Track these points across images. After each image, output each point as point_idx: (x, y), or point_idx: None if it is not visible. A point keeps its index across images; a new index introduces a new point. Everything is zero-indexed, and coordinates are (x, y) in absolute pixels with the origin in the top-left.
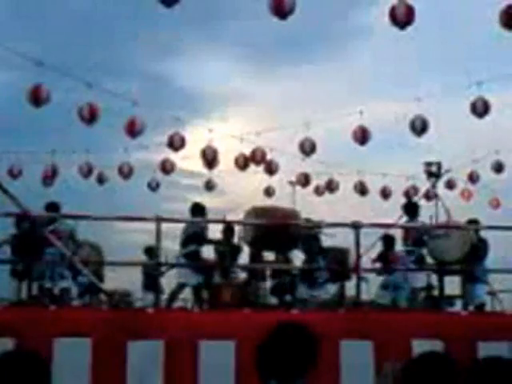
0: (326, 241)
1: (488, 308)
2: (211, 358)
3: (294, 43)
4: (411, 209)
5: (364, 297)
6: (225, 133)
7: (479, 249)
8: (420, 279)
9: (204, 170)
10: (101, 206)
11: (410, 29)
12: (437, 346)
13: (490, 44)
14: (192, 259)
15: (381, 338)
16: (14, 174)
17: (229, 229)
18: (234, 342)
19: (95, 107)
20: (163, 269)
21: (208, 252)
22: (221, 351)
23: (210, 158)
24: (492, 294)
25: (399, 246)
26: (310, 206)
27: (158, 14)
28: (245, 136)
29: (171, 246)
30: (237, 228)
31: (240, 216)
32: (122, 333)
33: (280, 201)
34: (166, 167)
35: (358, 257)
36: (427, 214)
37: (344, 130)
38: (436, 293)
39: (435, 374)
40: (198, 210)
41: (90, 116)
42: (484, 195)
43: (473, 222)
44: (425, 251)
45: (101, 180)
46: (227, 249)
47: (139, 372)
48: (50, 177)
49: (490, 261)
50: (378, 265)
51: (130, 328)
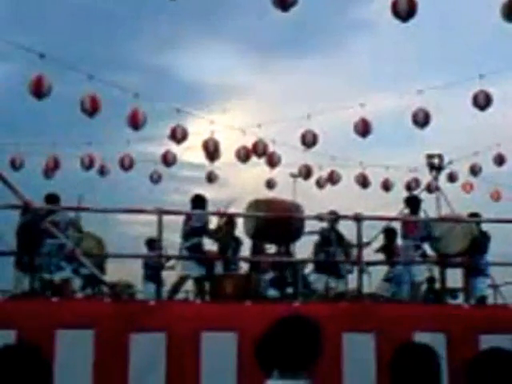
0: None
1: (490, 301)
2: (213, 350)
3: (295, 36)
4: (413, 203)
5: (366, 289)
6: (226, 125)
7: (481, 242)
8: (421, 272)
9: (206, 162)
10: (102, 198)
11: (411, 21)
12: (439, 338)
13: (491, 36)
14: (195, 252)
15: (383, 330)
16: (15, 166)
17: (230, 221)
18: (236, 334)
19: (97, 99)
20: (170, 263)
21: (209, 244)
22: (223, 343)
23: (211, 150)
24: (494, 287)
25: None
26: (311, 199)
27: (160, 7)
28: (246, 128)
29: (172, 238)
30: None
31: (241, 209)
32: (125, 325)
33: (281, 193)
34: (168, 159)
35: (360, 249)
36: (429, 206)
37: (346, 122)
38: (438, 286)
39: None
40: (199, 201)
41: (92, 108)
42: (485, 188)
43: (474, 215)
44: (426, 245)
45: (102, 172)
46: (229, 241)
47: (142, 364)
48: (51, 169)
49: (492, 254)
50: (381, 256)
51: (132, 320)
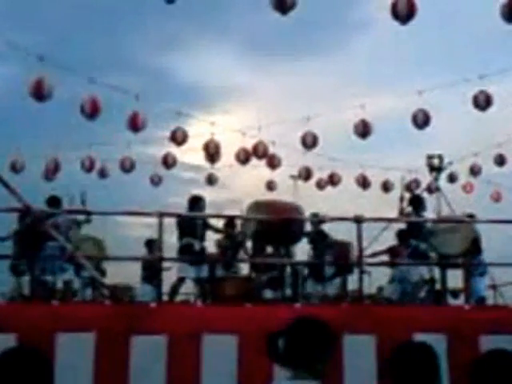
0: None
1: (490, 302)
2: (214, 353)
3: (295, 37)
4: (417, 202)
5: (366, 290)
6: (227, 127)
7: (480, 242)
8: (416, 273)
9: (206, 164)
10: (103, 200)
11: (411, 23)
12: (439, 339)
13: (491, 37)
14: (186, 252)
15: (383, 331)
16: (16, 169)
17: (230, 223)
18: (236, 337)
19: (97, 102)
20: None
21: (210, 246)
22: (224, 345)
23: (211, 152)
24: (494, 287)
25: None
26: (311, 200)
27: (160, 9)
28: (247, 130)
29: (173, 240)
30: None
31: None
32: (125, 327)
33: (282, 195)
34: (168, 161)
35: (361, 251)
36: (429, 207)
37: (345, 123)
38: (438, 286)
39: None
40: (194, 202)
41: (92, 110)
42: (486, 188)
43: (470, 216)
44: (424, 245)
45: (103, 174)
46: (229, 243)
47: (142, 366)
48: (52, 172)
49: (492, 254)
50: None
51: (132, 322)
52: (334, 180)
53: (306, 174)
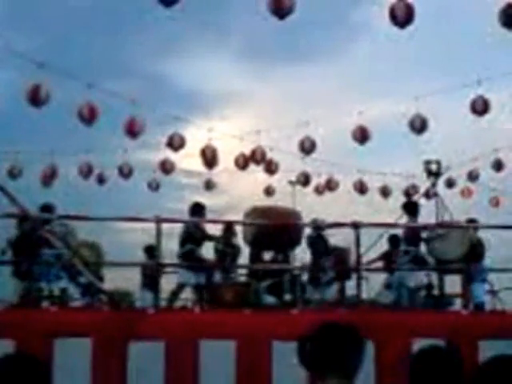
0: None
1: (489, 307)
2: (212, 358)
3: (293, 43)
4: (411, 208)
5: (364, 296)
6: (224, 132)
7: (478, 248)
8: (415, 279)
9: (204, 170)
10: (101, 206)
11: (409, 28)
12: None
13: (489, 42)
14: (188, 259)
15: (381, 337)
16: (13, 175)
17: (229, 229)
18: (234, 342)
19: (95, 107)
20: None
21: (208, 252)
22: (221, 351)
23: (209, 158)
24: (493, 293)
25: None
26: (309, 206)
27: (158, 14)
28: (244, 135)
29: (171, 246)
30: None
31: (240, 216)
32: (123, 333)
33: (280, 200)
34: (166, 167)
35: (359, 256)
36: (427, 212)
37: (344, 128)
38: (436, 292)
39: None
40: (197, 209)
41: (90, 116)
42: (484, 194)
43: (471, 221)
44: (423, 250)
45: (101, 180)
46: (227, 249)
47: (140, 372)
48: (49, 177)
49: (491, 260)
50: (380, 264)
51: (130, 328)
52: (331, 185)
53: (304, 180)
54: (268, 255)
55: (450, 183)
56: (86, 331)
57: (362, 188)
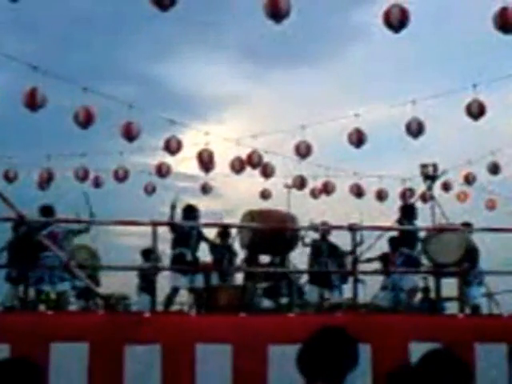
0: None
1: (485, 310)
2: (208, 362)
3: (290, 46)
4: (408, 211)
5: (361, 299)
6: (221, 136)
7: (474, 251)
8: (409, 281)
9: (200, 173)
10: (97, 209)
11: (405, 31)
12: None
13: (484, 46)
14: (178, 262)
15: (378, 340)
16: (9, 178)
17: (225, 232)
18: (231, 346)
19: (91, 111)
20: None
21: (204, 255)
22: (218, 355)
23: (206, 161)
24: (489, 296)
25: None
26: (306, 209)
27: (154, 18)
28: (241, 139)
29: (167, 250)
30: (233, 231)
31: (236, 219)
32: (119, 337)
33: (276, 204)
34: (162, 170)
35: (355, 259)
36: (423, 216)
37: (340, 132)
38: (432, 295)
39: None
40: (189, 211)
41: (86, 120)
42: (480, 197)
43: (466, 225)
44: (417, 253)
45: (97, 184)
46: (224, 252)
47: (136, 376)
48: (45, 181)
49: (487, 263)
50: (377, 266)
51: (126, 332)
52: (328, 189)
53: (301, 183)
54: (266, 259)
55: (447, 186)
56: (82, 335)
57: (358, 191)
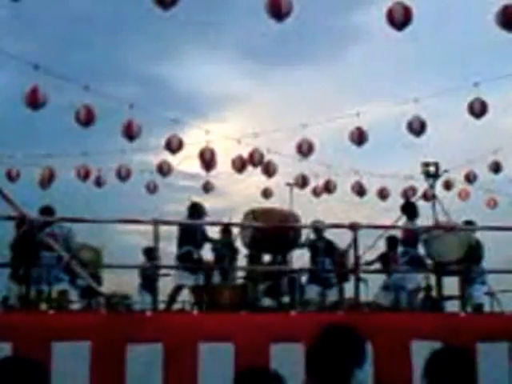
0: None
1: (487, 309)
2: (210, 361)
3: (291, 45)
4: (410, 209)
5: (363, 298)
6: (222, 134)
7: (477, 250)
8: (413, 281)
9: (202, 172)
10: (99, 208)
11: (407, 29)
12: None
13: (487, 44)
14: (185, 260)
15: (380, 339)
16: (11, 177)
17: (227, 230)
18: (232, 344)
19: (92, 110)
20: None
21: (206, 253)
22: (220, 353)
23: (207, 160)
24: (491, 294)
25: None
26: (307, 208)
27: (155, 17)
28: (243, 138)
29: (171, 249)
30: (235, 230)
31: (238, 218)
32: (121, 336)
33: (278, 202)
34: (164, 169)
35: (357, 258)
36: (425, 214)
37: (341, 130)
38: (434, 294)
39: None
40: (195, 209)
41: (87, 118)
42: (481, 195)
43: (468, 223)
44: (421, 252)
45: (99, 183)
46: (226, 250)
47: (138, 375)
48: (47, 180)
49: (489, 261)
50: (378, 265)
51: (128, 331)
52: (329, 187)
53: (302, 182)
54: (266, 257)
55: (448, 185)
56: (84, 334)
57: (359, 190)
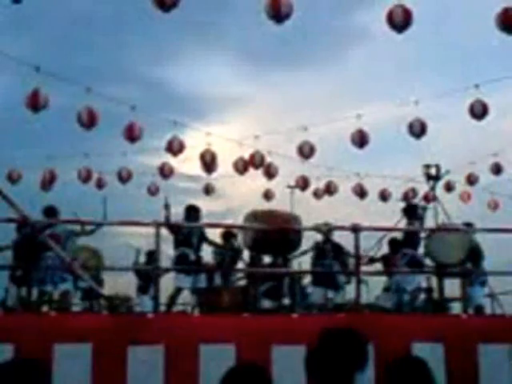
0: None
1: (488, 310)
2: (211, 363)
3: (291, 47)
4: (411, 211)
5: (364, 300)
6: (223, 136)
7: (477, 252)
8: (412, 282)
9: (203, 174)
10: (100, 210)
11: (407, 32)
12: (437, 349)
13: (487, 46)
14: (181, 262)
15: (381, 341)
16: (12, 179)
17: (228, 233)
18: (234, 346)
19: (94, 112)
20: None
21: (207, 256)
22: (221, 355)
23: (208, 162)
24: (492, 296)
25: None
26: (308, 210)
27: (156, 19)
28: (243, 140)
29: (169, 251)
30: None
31: (238, 220)
32: (122, 338)
33: (279, 204)
34: (165, 171)
35: (358, 260)
36: (426, 216)
37: (342, 132)
38: (436, 295)
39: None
40: (191, 211)
41: (89, 121)
42: (483, 197)
43: (467, 225)
44: (421, 253)
45: (100, 185)
46: (227, 252)
47: (139, 377)
48: (48, 182)
49: (490, 263)
50: (379, 266)
51: (130, 333)
52: (330, 189)
53: (303, 184)
54: (267, 259)
55: (449, 187)
56: (86, 336)
57: (361, 192)
